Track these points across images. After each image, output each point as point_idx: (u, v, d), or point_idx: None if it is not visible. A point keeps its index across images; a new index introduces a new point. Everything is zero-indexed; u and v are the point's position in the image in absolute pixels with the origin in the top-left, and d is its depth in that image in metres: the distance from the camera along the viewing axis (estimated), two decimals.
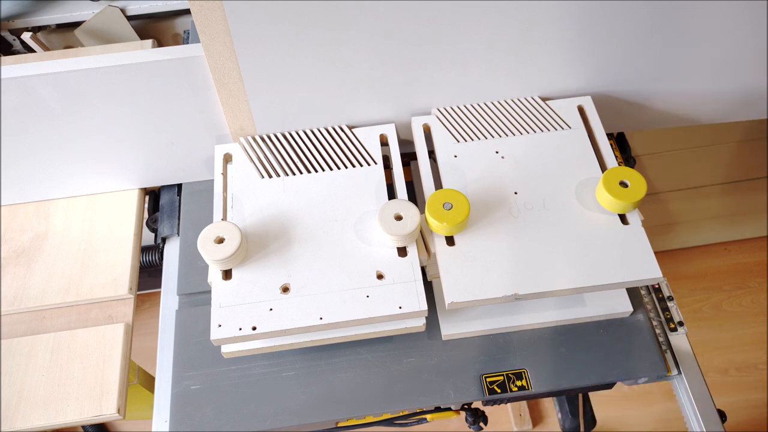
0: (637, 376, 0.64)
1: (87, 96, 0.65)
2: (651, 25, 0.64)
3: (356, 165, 0.67)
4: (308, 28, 0.60)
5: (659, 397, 1.31)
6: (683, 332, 0.67)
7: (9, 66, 0.62)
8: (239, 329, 0.56)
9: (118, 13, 0.93)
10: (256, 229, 0.62)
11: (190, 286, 0.70)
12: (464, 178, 0.65)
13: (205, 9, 0.57)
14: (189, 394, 0.63)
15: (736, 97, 0.75)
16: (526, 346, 0.66)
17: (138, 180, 0.77)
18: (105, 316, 0.70)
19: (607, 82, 0.71)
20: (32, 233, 0.76)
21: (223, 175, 0.68)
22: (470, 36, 0.63)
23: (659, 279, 0.57)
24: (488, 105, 0.71)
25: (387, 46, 0.63)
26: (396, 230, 0.59)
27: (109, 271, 0.72)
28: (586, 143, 0.67)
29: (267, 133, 0.70)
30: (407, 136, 0.72)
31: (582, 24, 0.64)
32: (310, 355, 0.65)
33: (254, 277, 0.59)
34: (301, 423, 0.62)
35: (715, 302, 1.43)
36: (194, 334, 0.67)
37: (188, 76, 0.64)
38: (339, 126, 0.71)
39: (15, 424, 0.62)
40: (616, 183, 0.60)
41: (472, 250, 0.60)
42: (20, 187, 0.76)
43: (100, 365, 0.65)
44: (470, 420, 0.93)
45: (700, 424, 0.63)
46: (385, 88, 0.68)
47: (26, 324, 0.70)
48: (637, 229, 0.60)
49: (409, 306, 0.57)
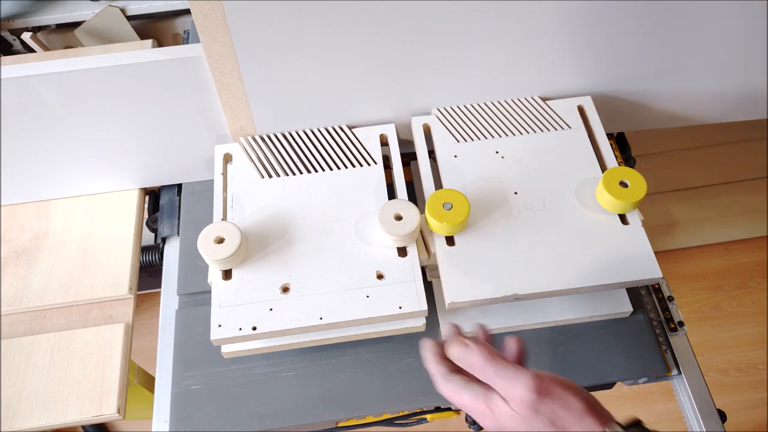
0: (637, 376, 0.64)
1: (87, 96, 0.65)
2: (651, 25, 0.64)
3: (356, 165, 0.67)
4: (308, 28, 0.60)
5: (659, 397, 1.31)
6: (683, 332, 0.67)
7: (9, 66, 0.62)
8: (239, 329, 0.56)
9: (118, 13, 0.93)
10: (256, 229, 0.62)
11: (190, 286, 0.70)
12: (464, 178, 0.65)
13: (205, 9, 0.57)
14: (189, 394, 0.63)
15: (736, 97, 0.75)
16: (526, 346, 0.65)
17: (138, 180, 0.77)
18: (105, 316, 0.70)
19: (607, 82, 0.71)
20: (32, 233, 0.76)
21: (223, 175, 0.68)
22: (470, 36, 0.63)
23: (659, 279, 0.57)
24: (488, 105, 0.71)
25: (387, 46, 0.63)
26: (396, 230, 0.59)
27: (109, 271, 0.72)
28: (586, 143, 0.67)
29: (267, 133, 0.70)
30: (407, 136, 0.72)
31: (582, 24, 0.64)
32: (310, 355, 0.65)
33: (254, 277, 0.59)
34: (301, 423, 0.62)
35: (715, 302, 1.43)
36: (194, 334, 0.67)
37: (188, 76, 0.64)
38: (339, 126, 0.71)
39: (15, 424, 0.62)
40: (616, 183, 0.60)
41: (472, 250, 0.59)
42: (20, 187, 0.76)
43: (100, 365, 0.65)
44: (470, 420, 0.92)
45: (700, 424, 0.63)
46: (385, 88, 0.68)
47: (26, 324, 0.70)
48: (637, 229, 0.60)
49: (409, 306, 0.57)
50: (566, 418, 0.40)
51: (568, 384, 0.43)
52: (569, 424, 0.40)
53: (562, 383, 0.42)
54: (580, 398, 0.42)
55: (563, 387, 0.42)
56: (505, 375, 0.42)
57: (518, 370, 0.42)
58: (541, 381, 0.41)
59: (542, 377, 0.42)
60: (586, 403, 0.41)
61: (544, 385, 0.41)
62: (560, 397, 0.41)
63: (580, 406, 0.41)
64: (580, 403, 0.41)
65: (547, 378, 0.42)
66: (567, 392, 0.42)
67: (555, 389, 0.41)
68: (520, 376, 0.41)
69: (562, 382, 0.42)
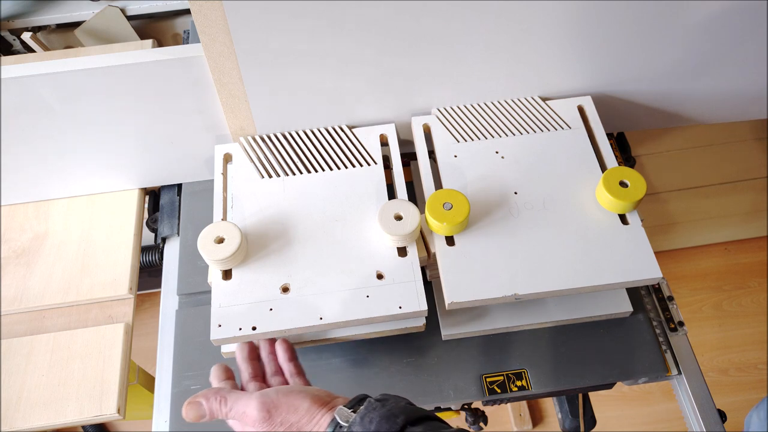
0: (637, 376, 0.64)
1: (87, 96, 0.65)
2: (650, 25, 0.64)
3: (356, 165, 0.67)
4: (308, 28, 0.60)
5: (659, 397, 1.31)
6: (683, 332, 0.67)
7: (9, 66, 0.62)
8: (239, 329, 0.56)
9: (118, 13, 0.93)
10: (256, 229, 0.62)
11: (190, 286, 0.70)
12: (464, 178, 0.65)
13: (205, 9, 0.57)
14: (189, 394, 0.63)
15: (736, 97, 0.75)
16: (526, 346, 0.66)
17: (138, 180, 0.77)
18: (105, 316, 0.70)
19: (607, 82, 0.71)
20: (32, 233, 0.76)
21: (223, 175, 0.68)
22: (470, 36, 0.63)
23: (659, 279, 0.57)
24: (488, 105, 0.71)
25: (387, 46, 0.63)
26: (396, 230, 0.59)
27: (109, 271, 0.72)
28: (586, 143, 0.67)
29: (267, 133, 0.70)
30: (407, 136, 0.72)
31: (582, 24, 0.64)
32: (310, 355, 0.65)
33: (254, 277, 0.59)
34: None
35: (715, 302, 1.43)
36: (194, 334, 0.67)
37: (188, 76, 0.64)
38: (339, 126, 0.71)
39: (15, 424, 0.62)
40: (616, 183, 0.60)
41: (472, 250, 0.60)
42: (20, 187, 0.76)
43: (100, 365, 0.65)
44: (470, 420, 0.93)
45: (700, 424, 0.63)
46: (385, 88, 0.68)
47: (26, 324, 0.70)
48: (637, 229, 0.60)
49: (409, 306, 0.57)
50: (298, 419, 0.45)
51: (291, 390, 0.47)
52: (302, 423, 0.45)
53: (285, 392, 0.47)
54: (302, 397, 0.46)
55: (287, 395, 0.46)
56: (237, 407, 0.47)
57: (246, 396, 0.47)
58: (266, 397, 0.46)
59: (267, 394, 0.46)
60: (311, 399, 0.46)
61: (269, 400, 0.46)
62: (286, 404, 0.46)
63: (306, 405, 0.45)
64: (304, 401, 0.46)
65: (271, 393, 0.47)
66: (290, 397, 0.46)
67: (279, 399, 0.46)
68: (249, 401, 0.46)
69: (286, 392, 0.47)
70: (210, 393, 0.48)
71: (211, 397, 0.48)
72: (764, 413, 0.58)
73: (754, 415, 0.60)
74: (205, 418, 0.48)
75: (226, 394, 0.48)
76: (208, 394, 0.48)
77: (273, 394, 0.47)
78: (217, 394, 0.48)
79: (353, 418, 0.43)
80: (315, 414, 0.45)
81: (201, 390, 0.48)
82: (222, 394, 0.48)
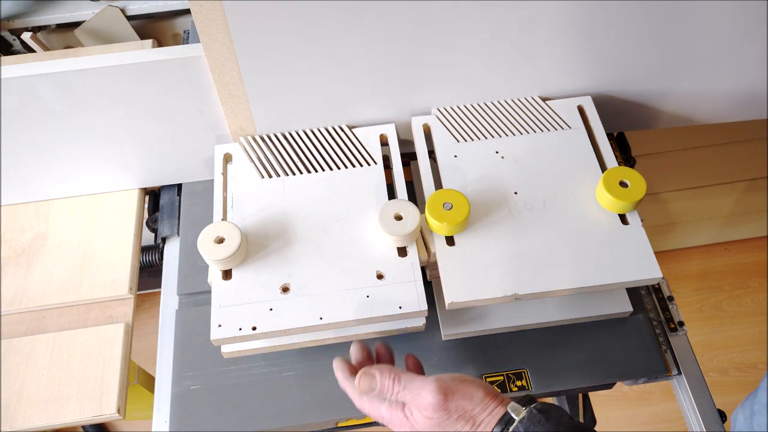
0: (637, 376, 0.64)
1: (87, 96, 0.65)
2: (651, 25, 0.64)
3: (356, 165, 0.67)
4: (308, 28, 0.60)
5: (659, 397, 1.31)
6: (683, 332, 0.67)
7: (9, 66, 0.62)
8: (239, 329, 0.56)
9: (118, 13, 0.93)
10: (256, 229, 0.62)
11: (190, 286, 0.70)
12: (464, 178, 0.65)
13: (205, 9, 0.57)
14: (189, 394, 0.63)
15: (736, 97, 0.75)
16: (526, 346, 0.66)
17: (138, 180, 0.77)
18: (105, 316, 0.70)
19: (607, 82, 0.71)
20: (32, 233, 0.76)
21: (223, 175, 0.68)
22: (470, 36, 0.63)
23: (659, 279, 0.57)
24: (488, 105, 0.71)
25: (387, 46, 0.63)
26: (396, 230, 0.59)
27: (109, 271, 0.72)
28: (586, 143, 0.67)
29: (267, 133, 0.70)
30: (407, 136, 0.72)
31: (582, 24, 0.64)
32: (310, 355, 0.65)
33: (254, 277, 0.59)
34: (301, 423, 0.62)
35: (715, 302, 1.43)
36: (194, 334, 0.67)
37: (188, 76, 0.64)
38: (339, 126, 0.71)
39: (15, 424, 0.62)
40: (616, 183, 0.60)
41: (472, 250, 0.60)
42: (20, 187, 0.76)
43: (100, 365, 0.65)
44: None
45: (700, 424, 0.63)
46: (385, 88, 0.68)
47: (26, 324, 0.70)
48: (637, 229, 0.60)
49: (409, 306, 0.57)
50: (473, 407, 0.45)
51: (464, 378, 0.47)
52: (476, 412, 0.45)
53: (461, 380, 0.46)
54: (477, 386, 0.46)
55: (462, 382, 0.46)
56: (412, 388, 0.46)
57: (421, 379, 0.46)
58: (443, 382, 0.46)
59: (443, 379, 0.46)
60: (485, 390, 0.46)
61: (446, 385, 0.45)
62: (462, 391, 0.45)
63: (480, 394, 0.45)
64: (480, 391, 0.46)
65: (447, 378, 0.46)
66: (466, 385, 0.46)
67: (456, 386, 0.46)
68: (425, 384, 0.46)
69: (461, 379, 0.47)
70: (385, 368, 0.47)
71: (385, 372, 0.47)
72: (749, 411, 0.58)
73: (740, 413, 0.60)
74: (374, 392, 0.47)
75: (401, 373, 0.47)
76: (383, 369, 0.47)
77: (449, 379, 0.46)
78: (392, 372, 0.47)
79: (522, 416, 0.43)
80: (488, 404, 0.45)
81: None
82: (396, 372, 0.47)
